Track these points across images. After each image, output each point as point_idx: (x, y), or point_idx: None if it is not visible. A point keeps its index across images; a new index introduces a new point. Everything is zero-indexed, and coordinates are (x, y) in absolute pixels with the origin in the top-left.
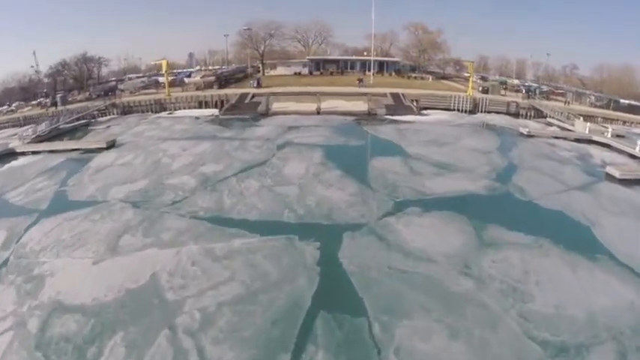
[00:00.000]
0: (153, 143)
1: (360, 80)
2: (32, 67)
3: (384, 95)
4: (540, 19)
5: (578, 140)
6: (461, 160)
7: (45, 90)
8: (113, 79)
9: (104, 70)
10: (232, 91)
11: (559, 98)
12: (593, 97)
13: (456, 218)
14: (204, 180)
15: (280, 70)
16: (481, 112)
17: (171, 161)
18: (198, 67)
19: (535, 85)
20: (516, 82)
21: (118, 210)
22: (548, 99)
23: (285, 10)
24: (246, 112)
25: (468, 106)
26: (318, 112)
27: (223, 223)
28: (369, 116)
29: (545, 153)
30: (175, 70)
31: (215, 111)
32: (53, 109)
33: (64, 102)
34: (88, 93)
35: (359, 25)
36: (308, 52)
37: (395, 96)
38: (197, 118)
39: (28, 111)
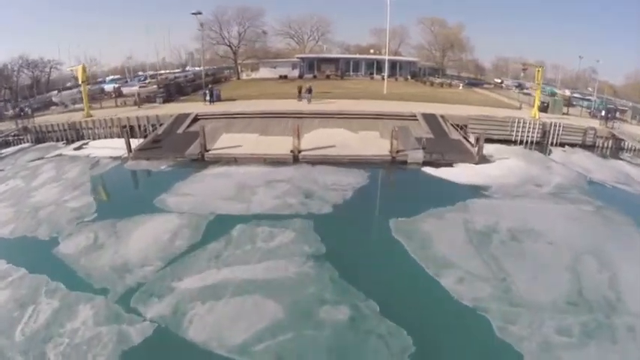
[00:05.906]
0: None
1: (301, 91)
2: None
3: (413, 118)
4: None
5: None
6: None
7: None
8: (55, 88)
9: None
10: (169, 111)
11: (623, 117)
12: None
13: None
14: None
15: (263, 73)
16: (552, 144)
17: None
18: (188, 68)
19: (603, 100)
20: (567, 93)
21: None
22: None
23: (278, 4)
24: (168, 153)
25: (536, 135)
26: (296, 159)
27: None
28: (393, 166)
29: None
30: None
31: (133, 145)
32: None
33: None
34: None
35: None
36: (303, 50)
37: (431, 120)
38: (94, 163)
39: None
